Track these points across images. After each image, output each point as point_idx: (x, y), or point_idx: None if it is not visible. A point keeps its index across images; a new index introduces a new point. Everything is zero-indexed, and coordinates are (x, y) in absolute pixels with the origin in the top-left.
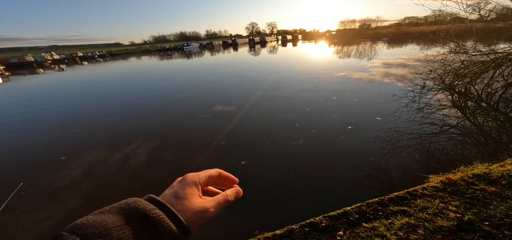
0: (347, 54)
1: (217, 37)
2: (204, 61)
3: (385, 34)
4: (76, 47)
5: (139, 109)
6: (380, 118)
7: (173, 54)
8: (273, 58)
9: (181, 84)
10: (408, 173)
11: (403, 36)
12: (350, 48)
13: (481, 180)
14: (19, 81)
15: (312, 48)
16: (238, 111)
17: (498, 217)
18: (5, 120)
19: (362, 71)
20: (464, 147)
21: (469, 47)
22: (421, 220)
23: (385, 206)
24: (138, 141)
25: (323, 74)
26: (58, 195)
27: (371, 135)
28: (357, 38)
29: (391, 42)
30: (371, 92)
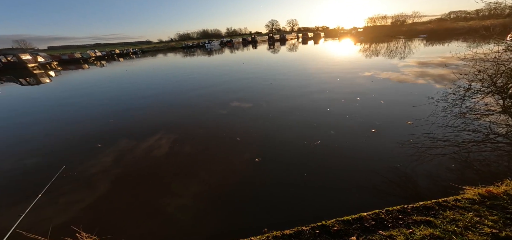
0: (375, 53)
1: (237, 34)
2: (224, 58)
3: (423, 31)
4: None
5: (163, 104)
6: (411, 122)
7: (196, 51)
8: (292, 56)
9: (201, 80)
10: (437, 183)
11: (445, 32)
12: (379, 46)
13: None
14: (69, 75)
15: (335, 46)
16: (254, 108)
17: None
18: (57, 109)
19: (392, 71)
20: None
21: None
22: (448, 232)
23: (407, 214)
24: (161, 133)
25: (346, 73)
26: (90, 180)
27: (398, 139)
28: (388, 36)
29: (430, 39)
30: (401, 93)
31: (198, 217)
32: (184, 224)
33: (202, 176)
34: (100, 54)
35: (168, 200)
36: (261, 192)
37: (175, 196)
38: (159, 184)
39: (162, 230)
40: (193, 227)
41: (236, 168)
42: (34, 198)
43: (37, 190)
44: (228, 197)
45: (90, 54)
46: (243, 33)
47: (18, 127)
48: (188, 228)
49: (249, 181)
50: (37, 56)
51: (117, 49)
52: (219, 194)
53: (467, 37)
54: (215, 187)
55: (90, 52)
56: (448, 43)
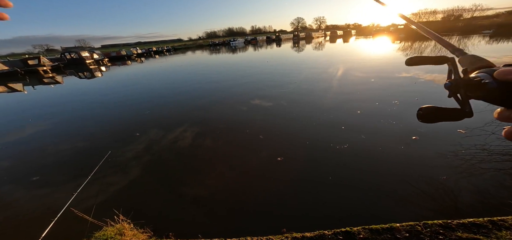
0: (419, 52)
1: (261, 32)
2: (248, 56)
3: (487, 26)
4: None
5: (190, 99)
6: (464, 131)
7: (221, 49)
8: (316, 54)
9: (225, 76)
10: (487, 200)
11: (504, 28)
12: (424, 45)
13: None
14: (115, 70)
15: (369, 44)
16: (278, 107)
17: None
18: (106, 99)
19: (438, 73)
20: None
21: None
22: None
23: (450, 230)
24: (185, 126)
25: (381, 73)
26: (126, 165)
27: (443, 149)
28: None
29: (496, 36)
30: (450, 99)
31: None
32: (201, 221)
33: (220, 169)
34: (140, 52)
35: (189, 190)
36: (282, 191)
37: (195, 187)
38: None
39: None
40: (210, 222)
41: (257, 165)
42: (84, 178)
43: (87, 172)
44: (248, 195)
45: (133, 52)
46: (268, 31)
47: (71, 114)
48: (204, 223)
49: (271, 180)
50: (93, 54)
51: (154, 47)
52: (239, 190)
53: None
54: (235, 182)
55: (133, 50)
56: (507, 41)
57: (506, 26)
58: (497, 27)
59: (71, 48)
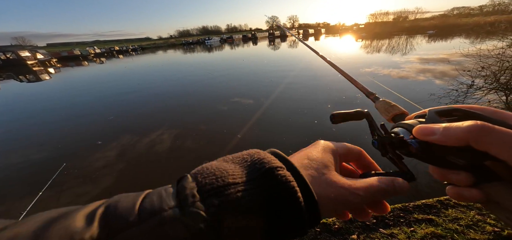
0: (377, 49)
1: (237, 31)
2: (224, 55)
3: (427, 27)
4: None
5: (163, 101)
6: None
7: (195, 48)
8: (292, 53)
9: (200, 76)
10: (439, 181)
11: (449, 29)
12: (381, 43)
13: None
14: (68, 72)
15: (336, 42)
16: (255, 106)
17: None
18: (56, 105)
19: (393, 68)
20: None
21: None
22: (450, 231)
23: (408, 213)
24: (163, 128)
25: (346, 69)
26: (94, 175)
27: None
28: (390, 32)
29: (435, 36)
30: (402, 90)
31: None
32: None
33: None
34: (100, 51)
35: None
36: None
37: None
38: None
39: None
40: None
41: None
42: (37, 193)
43: (41, 186)
44: None
45: (90, 51)
46: (244, 30)
47: (18, 123)
48: None
49: None
50: (36, 53)
51: (117, 46)
52: None
53: (470, 34)
54: None
55: (90, 50)
56: (450, 40)
57: (441, 27)
58: (433, 28)
59: (6, 47)
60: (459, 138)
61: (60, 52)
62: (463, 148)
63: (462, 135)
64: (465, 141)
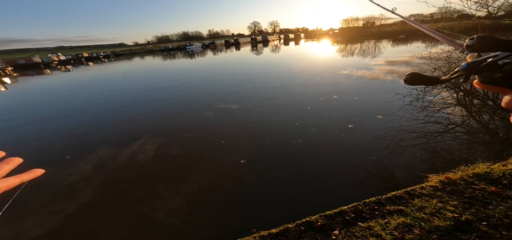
0: (351, 53)
1: (219, 36)
2: (207, 61)
3: (401, 32)
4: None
5: (143, 110)
6: (381, 117)
7: (176, 54)
8: (274, 57)
9: (184, 83)
10: (413, 173)
11: (412, 33)
12: (354, 47)
13: (482, 180)
14: (27, 82)
15: (315, 46)
16: (238, 110)
17: (497, 217)
18: (14, 122)
19: (365, 69)
20: (470, 146)
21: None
22: (418, 219)
23: (382, 205)
24: (145, 138)
25: (325, 72)
26: (65, 191)
27: (373, 133)
28: (361, 36)
29: (397, 41)
30: (373, 90)
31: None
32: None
33: (192, 177)
34: (65, 58)
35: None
36: (248, 193)
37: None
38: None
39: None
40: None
41: (222, 170)
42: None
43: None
44: (216, 199)
45: (52, 58)
46: (226, 35)
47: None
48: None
49: (236, 183)
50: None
51: (85, 52)
52: (208, 196)
53: (425, 39)
54: (203, 189)
55: (52, 56)
56: (410, 44)
57: (406, 31)
58: (396, 34)
59: None
60: None
61: (17, 59)
62: None
63: None
64: None
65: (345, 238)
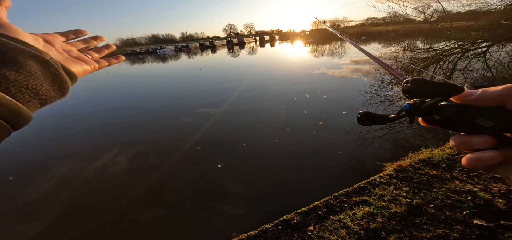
0: (321, 53)
1: (194, 39)
2: (181, 64)
3: (362, 34)
4: None
5: (111, 119)
6: (346, 112)
7: (146, 58)
8: (252, 59)
9: (158, 89)
10: (380, 163)
11: (372, 35)
12: (323, 48)
13: (425, 165)
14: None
15: (289, 48)
16: (214, 114)
17: (440, 199)
18: None
19: (335, 69)
20: (421, 134)
21: (416, 45)
22: (379, 208)
23: (349, 197)
24: (117, 149)
25: (298, 72)
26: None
27: (342, 128)
28: (330, 38)
29: (365, 41)
30: (340, 88)
31: None
32: None
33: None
34: None
35: None
36: (226, 197)
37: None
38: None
39: None
40: None
41: (197, 176)
42: None
43: None
44: (193, 205)
45: None
46: (200, 38)
47: None
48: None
49: (213, 187)
50: None
51: None
52: (185, 202)
53: (380, 39)
54: (180, 194)
55: None
56: (369, 45)
57: (366, 33)
58: (356, 35)
59: None
60: (494, 98)
61: None
62: (495, 109)
63: (498, 95)
64: (500, 100)
65: (320, 233)
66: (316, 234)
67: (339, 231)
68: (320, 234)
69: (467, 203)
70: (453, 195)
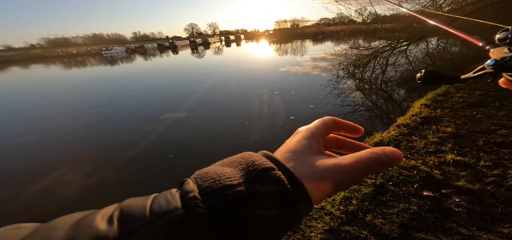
0: (285, 51)
1: (150, 39)
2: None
3: (319, 33)
4: None
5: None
6: (313, 105)
7: (87, 61)
8: (219, 59)
9: (109, 96)
10: None
11: (327, 34)
12: (287, 46)
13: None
14: None
15: (255, 47)
16: (183, 118)
17: (395, 176)
18: None
19: (298, 66)
20: (371, 121)
21: (359, 44)
22: (352, 191)
23: None
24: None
25: (266, 71)
26: None
27: (311, 121)
28: (291, 37)
29: (322, 40)
30: (305, 84)
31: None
32: None
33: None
34: None
35: None
36: None
37: None
38: None
39: None
40: None
41: (172, 186)
42: None
43: None
44: None
45: None
46: (158, 38)
47: None
48: None
49: None
50: None
51: None
52: None
53: (332, 38)
54: None
55: None
56: (324, 43)
57: (322, 32)
58: (314, 34)
59: None
60: None
61: None
62: None
63: None
64: None
65: (307, 222)
66: (304, 223)
67: (324, 218)
68: (308, 223)
69: (415, 177)
70: (404, 171)
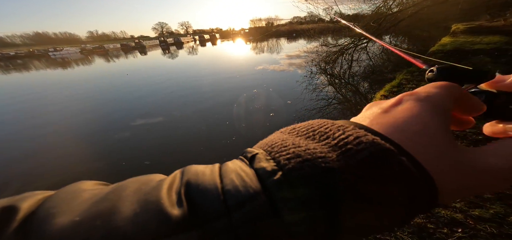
0: (261, 50)
1: (111, 39)
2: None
3: (293, 31)
4: None
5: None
6: (290, 101)
7: (30, 64)
8: (194, 60)
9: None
10: None
11: (300, 32)
12: (263, 45)
13: None
14: None
15: (231, 46)
16: (158, 123)
17: None
18: None
19: (275, 64)
20: (343, 113)
21: (328, 41)
22: None
23: None
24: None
25: (244, 69)
26: None
27: (289, 116)
28: (267, 35)
29: (295, 38)
30: (282, 81)
31: None
32: None
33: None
34: None
35: None
36: None
37: None
38: None
39: None
40: None
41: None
42: None
43: None
44: None
45: None
46: (120, 38)
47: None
48: None
49: None
50: None
51: None
52: None
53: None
54: None
55: None
56: (298, 41)
57: (296, 31)
58: (288, 32)
59: None
60: None
61: None
62: None
63: None
64: None
65: None
66: None
67: None
68: None
69: None
70: None
